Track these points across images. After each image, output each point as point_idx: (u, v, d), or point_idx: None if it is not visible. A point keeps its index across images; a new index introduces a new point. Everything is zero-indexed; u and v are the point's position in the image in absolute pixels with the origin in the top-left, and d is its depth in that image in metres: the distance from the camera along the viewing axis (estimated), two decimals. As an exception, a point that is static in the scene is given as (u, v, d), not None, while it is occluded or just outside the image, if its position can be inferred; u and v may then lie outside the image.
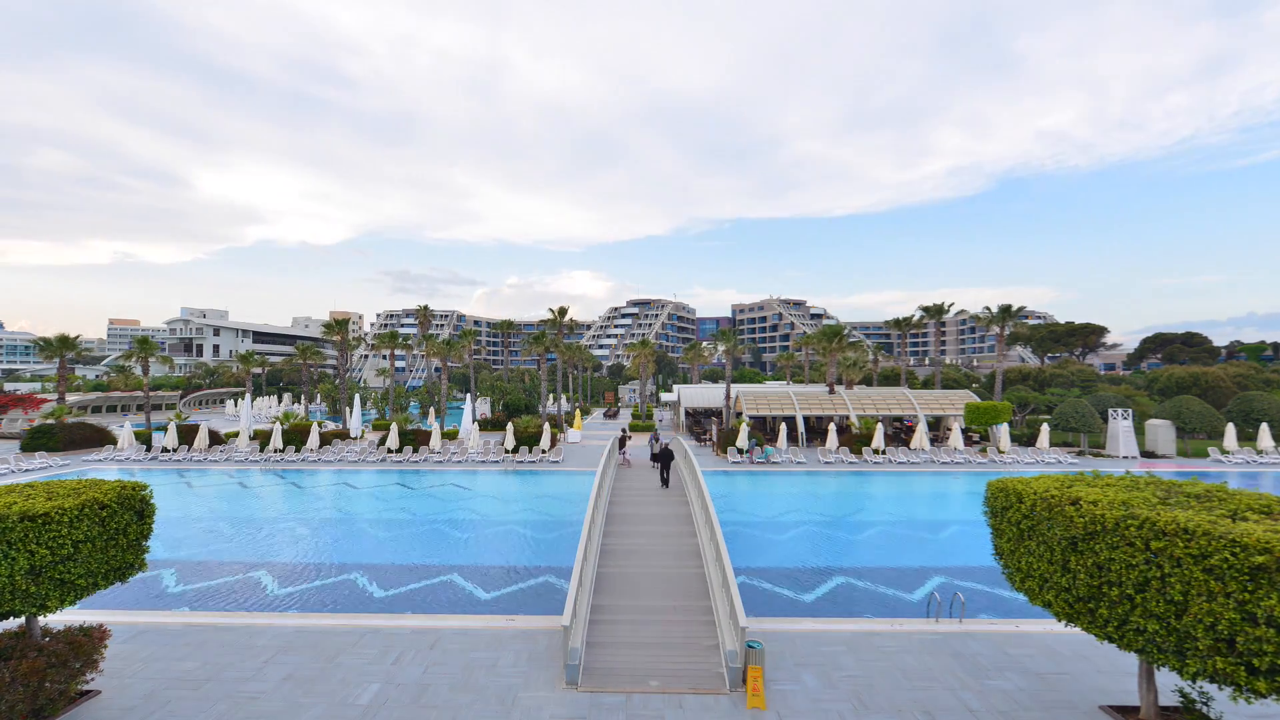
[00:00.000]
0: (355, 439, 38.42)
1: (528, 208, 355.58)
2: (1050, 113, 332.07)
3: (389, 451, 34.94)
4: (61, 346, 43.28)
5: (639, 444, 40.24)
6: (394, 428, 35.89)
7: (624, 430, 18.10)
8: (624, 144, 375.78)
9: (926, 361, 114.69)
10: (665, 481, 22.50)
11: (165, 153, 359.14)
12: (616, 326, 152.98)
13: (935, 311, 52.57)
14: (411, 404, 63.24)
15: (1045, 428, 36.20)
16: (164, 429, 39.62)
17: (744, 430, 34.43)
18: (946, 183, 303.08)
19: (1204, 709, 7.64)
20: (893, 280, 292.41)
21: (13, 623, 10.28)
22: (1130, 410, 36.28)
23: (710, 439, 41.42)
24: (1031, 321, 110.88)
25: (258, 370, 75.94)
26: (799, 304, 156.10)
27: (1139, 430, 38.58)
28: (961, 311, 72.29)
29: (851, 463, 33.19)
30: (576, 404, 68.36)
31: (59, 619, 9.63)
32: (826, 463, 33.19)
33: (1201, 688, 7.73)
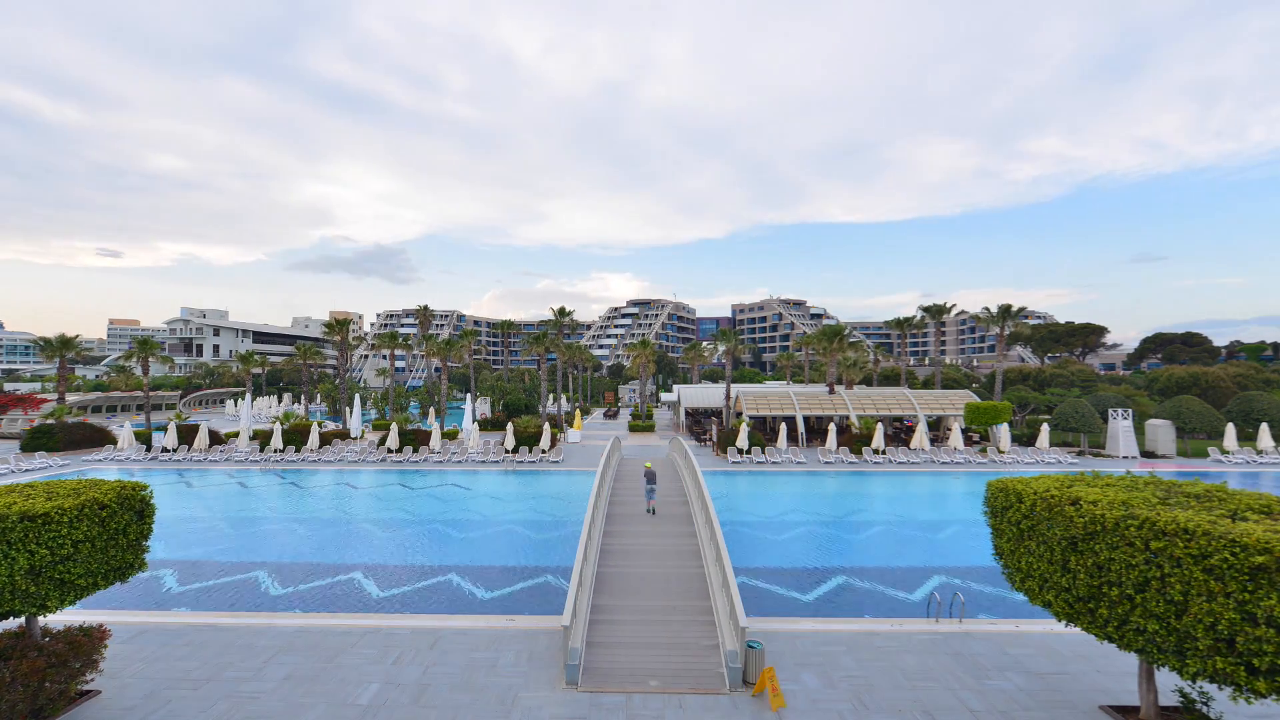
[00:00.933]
0: (355, 439, 38.41)
1: (599, 210, 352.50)
2: (1153, 120, 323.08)
3: (389, 451, 34.94)
4: (61, 346, 43.27)
5: (639, 443, 40.24)
6: (394, 428, 35.89)
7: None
8: (715, 146, 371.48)
9: (926, 361, 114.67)
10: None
11: (267, 158, 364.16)
12: (616, 326, 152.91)
13: (935, 311, 52.58)
14: (411, 404, 63.21)
15: (1045, 428, 36.20)
16: (164, 429, 39.61)
17: (744, 430, 34.44)
18: (1028, 188, 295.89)
19: (1204, 709, 7.64)
20: (958, 282, 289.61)
21: (13, 623, 10.28)
22: (1130, 410, 36.28)
23: (710, 439, 41.41)
24: (1032, 321, 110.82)
25: (258, 370, 75.86)
26: (799, 304, 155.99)
27: (1139, 430, 38.58)
28: (962, 312, 72.34)
29: (851, 463, 33.19)
30: (576, 404, 68.35)
31: (59, 619, 9.63)
32: (826, 463, 33.18)
33: (1201, 688, 7.73)
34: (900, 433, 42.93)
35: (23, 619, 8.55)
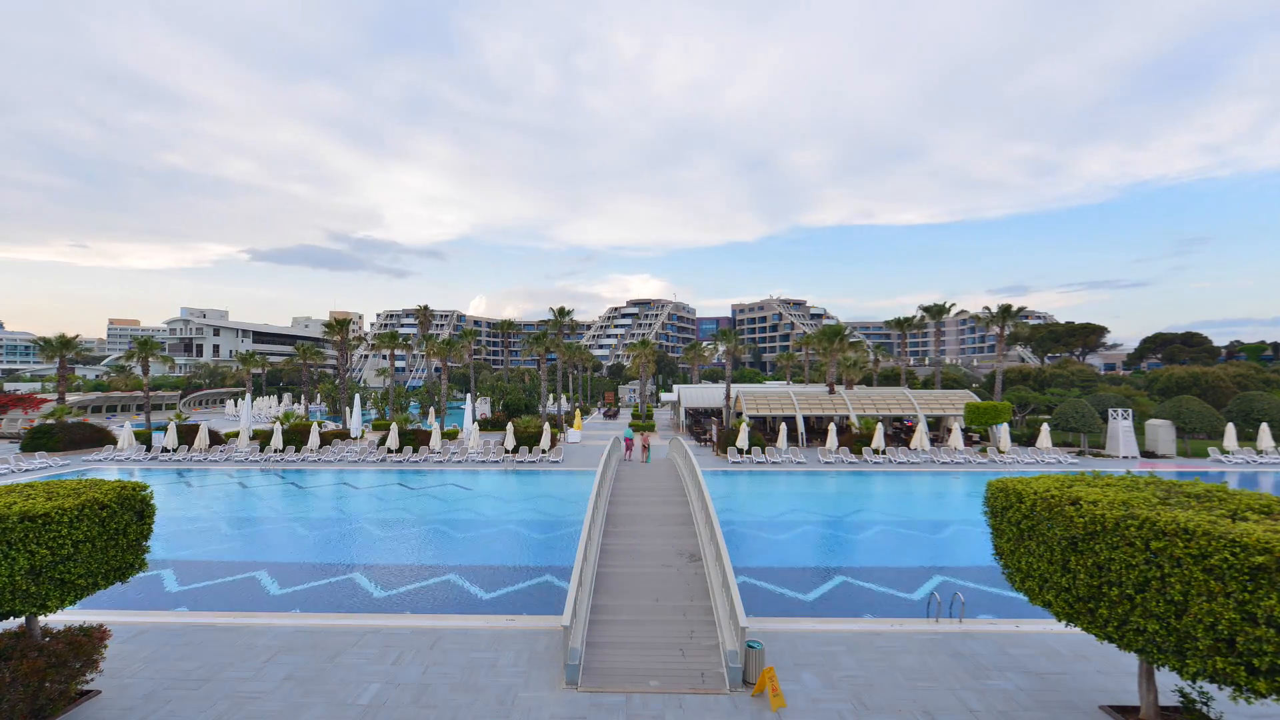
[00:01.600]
0: (355, 439, 38.41)
1: (637, 214, 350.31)
2: (1218, 126, 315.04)
3: (389, 451, 34.94)
4: (61, 347, 43.28)
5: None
6: (394, 428, 35.89)
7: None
8: (770, 149, 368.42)
9: (926, 361, 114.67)
10: None
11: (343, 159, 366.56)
12: (616, 326, 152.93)
13: (935, 311, 52.58)
14: (411, 404, 63.21)
15: (1045, 428, 36.19)
16: (164, 429, 39.61)
17: (744, 430, 34.44)
18: (1080, 192, 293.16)
19: (1204, 709, 7.64)
20: (993, 283, 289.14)
21: (13, 623, 10.28)
22: (1130, 410, 36.28)
23: (710, 439, 41.41)
24: (1032, 322, 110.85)
25: (258, 370, 75.88)
26: (799, 304, 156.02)
27: (1139, 430, 38.58)
28: (962, 311, 72.37)
29: (851, 463, 33.19)
30: (576, 404, 68.36)
31: (59, 619, 9.62)
32: (826, 463, 33.18)
33: (1201, 688, 7.73)
34: (900, 433, 42.93)
35: (23, 619, 8.55)
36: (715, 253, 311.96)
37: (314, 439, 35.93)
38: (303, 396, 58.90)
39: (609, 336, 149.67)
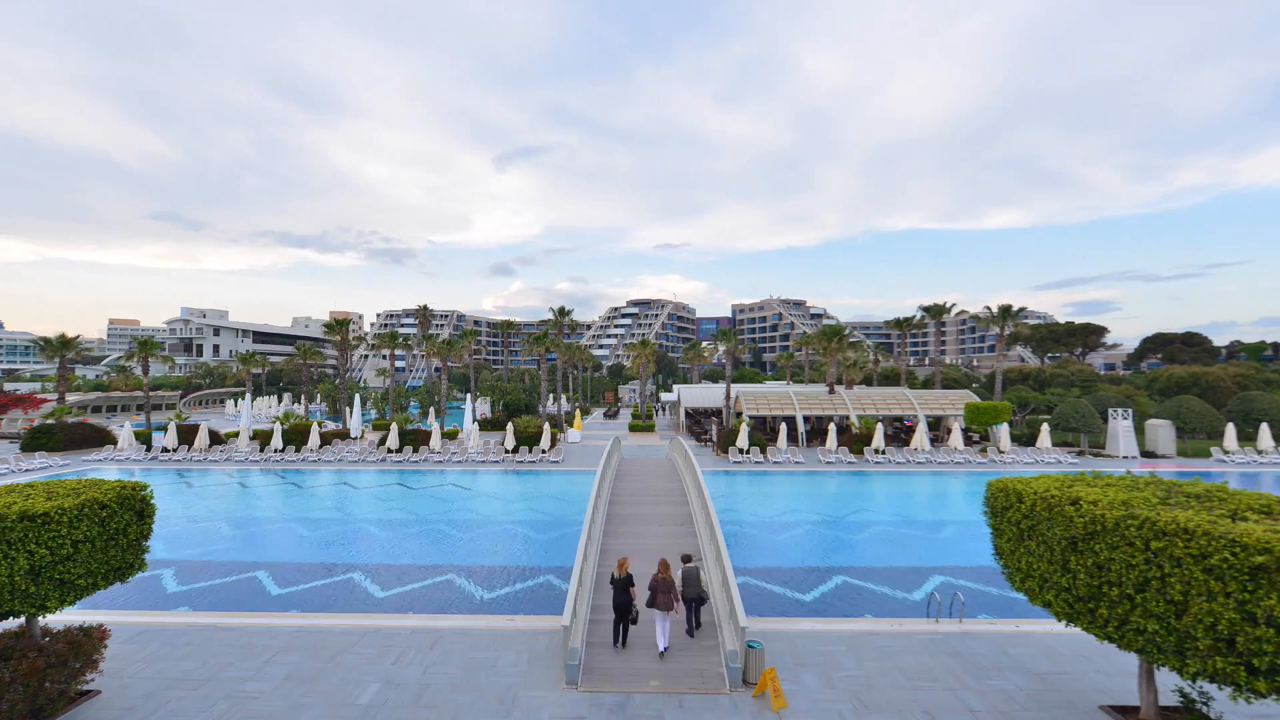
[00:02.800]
0: (355, 439, 38.40)
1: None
2: None
3: (389, 451, 34.93)
4: (61, 347, 43.26)
5: (639, 443, 40.24)
6: (394, 428, 35.88)
7: None
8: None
9: (926, 361, 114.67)
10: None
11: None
12: (617, 326, 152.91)
13: (936, 311, 52.56)
14: (411, 404, 63.22)
15: (1045, 428, 36.17)
16: (164, 429, 39.60)
17: (744, 430, 34.43)
18: (1163, 197, 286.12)
19: (1204, 709, 7.64)
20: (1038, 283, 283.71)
21: (13, 623, 10.27)
22: (1130, 410, 36.27)
23: (710, 439, 41.41)
24: (1032, 322, 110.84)
25: (258, 370, 75.88)
26: (799, 304, 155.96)
27: (1139, 430, 38.56)
28: (962, 311, 72.36)
29: (851, 463, 33.18)
30: (576, 404, 68.35)
31: (59, 619, 9.62)
32: (827, 463, 33.17)
33: (1201, 688, 7.73)
34: (900, 433, 42.92)
35: (23, 619, 8.55)
36: (774, 257, 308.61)
37: (314, 439, 35.92)
38: (303, 396, 58.89)
39: (609, 336, 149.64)
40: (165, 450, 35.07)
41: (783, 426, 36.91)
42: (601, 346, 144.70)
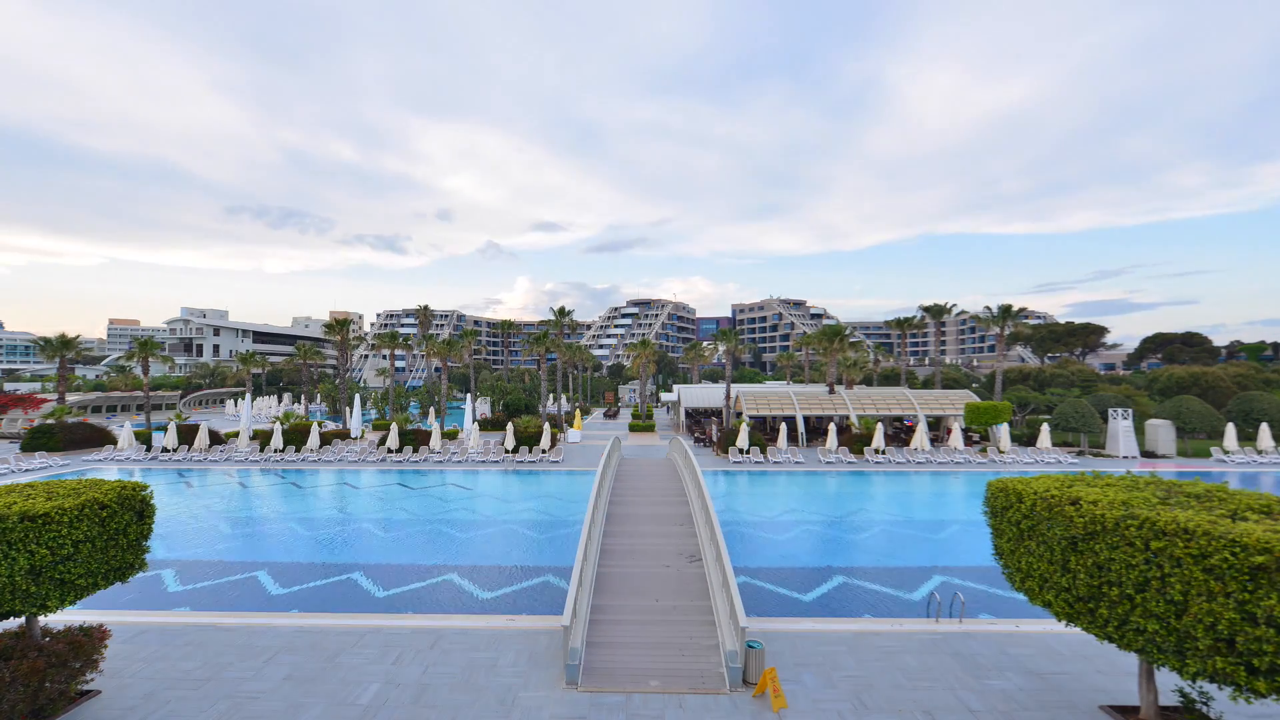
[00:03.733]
0: (355, 439, 38.41)
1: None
2: None
3: (389, 451, 34.94)
4: (61, 347, 43.28)
5: (639, 443, 40.25)
6: (394, 428, 35.89)
7: None
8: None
9: (926, 361, 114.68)
10: None
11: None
12: (616, 326, 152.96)
13: (936, 312, 52.60)
14: (411, 404, 63.21)
15: (1045, 428, 36.17)
16: (164, 429, 39.61)
17: (744, 430, 34.43)
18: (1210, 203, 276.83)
19: (1204, 709, 7.64)
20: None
21: (13, 623, 10.27)
22: (1130, 410, 36.27)
23: (710, 439, 41.42)
24: (1032, 322, 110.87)
25: (258, 370, 75.89)
26: (799, 304, 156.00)
27: (1139, 430, 38.57)
28: (962, 312, 72.35)
29: (851, 463, 33.19)
30: (576, 404, 68.35)
31: (59, 619, 9.62)
32: (827, 463, 33.18)
33: (1201, 688, 7.73)
34: (900, 433, 42.93)
35: (23, 619, 8.55)
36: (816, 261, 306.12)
37: (314, 439, 35.92)
38: (303, 396, 58.89)
39: (609, 336, 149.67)
40: (165, 450, 35.07)
41: (783, 426, 36.92)
42: (601, 346, 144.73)
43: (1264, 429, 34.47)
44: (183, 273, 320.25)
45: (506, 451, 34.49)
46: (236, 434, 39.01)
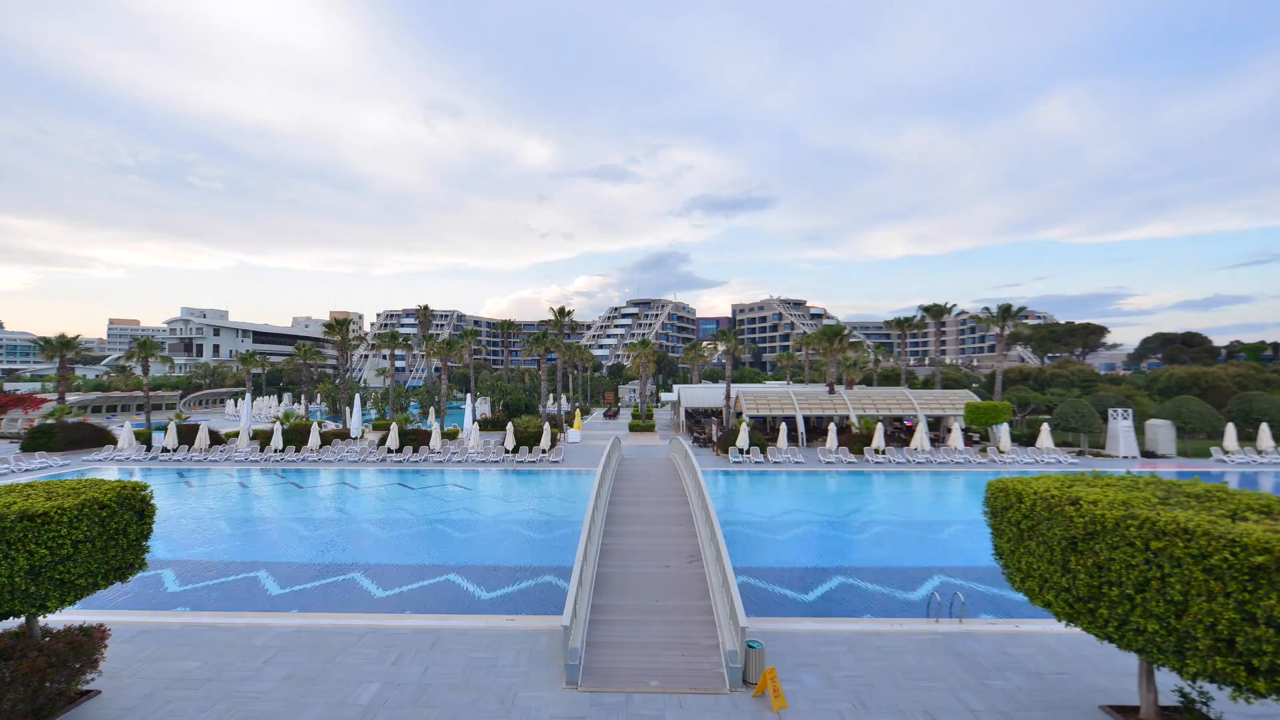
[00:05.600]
0: (355, 439, 38.40)
1: None
2: None
3: (389, 451, 34.93)
4: (61, 347, 43.27)
5: (639, 443, 40.24)
6: (394, 428, 35.89)
7: None
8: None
9: (926, 361, 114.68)
10: None
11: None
12: (616, 326, 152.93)
13: (935, 312, 52.59)
14: (411, 404, 63.23)
15: (1045, 428, 36.16)
16: (164, 429, 39.60)
17: (744, 430, 34.43)
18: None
19: (1204, 709, 7.64)
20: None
21: (13, 623, 10.27)
22: (1130, 410, 36.26)
23: (710, 439, 41.42)
24: (1031, 322, 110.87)
25: (258, 370, 75.88)
26: (799, 304, 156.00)
27: (1139, 430, 38.55)
28: (962, 312, 72.37)
29: (851, 463, 33.19)
30: (576, 404, 68.35)
31: (59, 619, 9.62)
32: (827, 463, 33.17)
33: (1201, 688, 7.73)
34: (900, 433, 42.92)
35: (23, 619, 8.55)
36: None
37: (314, 439, 35.92)
38: (303, 396, 58.87)
39: (609, 336, 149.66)
40: (165, 450, 35.06)
41: (783, 426, 36.91)
42: (601, 346, 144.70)
43: (1264, 429, 34.47)
44: (188, 274, 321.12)
45: (506, 451, 34.49)
46: (236, 434, 39.00)
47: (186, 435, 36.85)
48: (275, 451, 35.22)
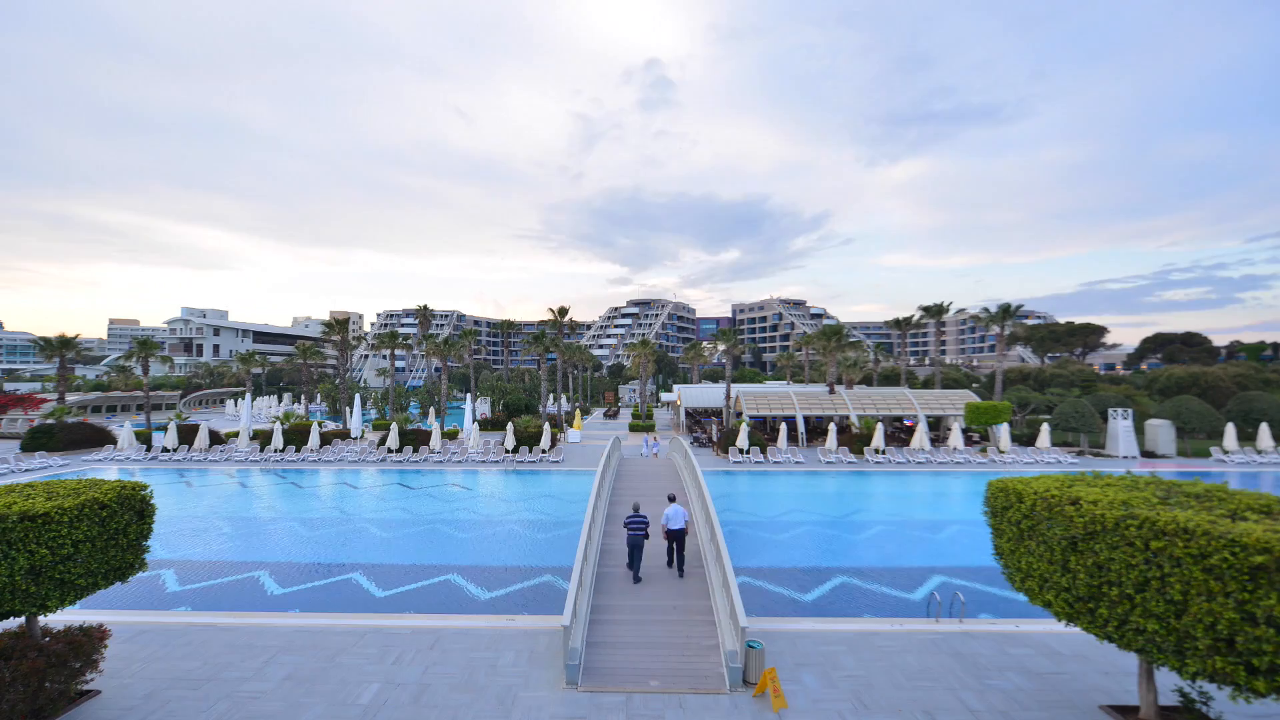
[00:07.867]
0: (355, 439, 38.40)
1: None
2: None
3: (389, 451, 34.93)
4: (61, 347, 43.26)
5: (639, 443, 40.22)
6: (394, 428, 35.89)
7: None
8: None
9: (926, 361, 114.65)
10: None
11: None
12: (616, 326, 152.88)
13: (935, 311, 52.55)
14: (411, 404, 63.20)
15: (1045, 428, 36.17)
16: (164, 429, 39.60)
17: (744, 430, 34.44)
18: None
19: (1204, 709, 7.64)
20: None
21: (13, 623, 10.28)
22: (1130, 410, 36.26)
23: (710, 439, 41.41)
24: (1031, 322, 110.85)
25: (258, 370, 75.89)
26: (799, 304, 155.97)
27: (1139, 430, 38.55)
28: (961, 311, 72.29)
29: (851, 463, 33.19)
30: (576, 404, 68.35)
31: (59, 619, 9.62)
32: (827, 463, 33.18)
33: (1201, 687, 7.73)
34: (900, 432, 42.93)
35: (23, 619, 8.55)
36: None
37: (314, 439, 35.92)
38: (303, 396, 58.87)
39: (609, 336, 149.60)
40: (165, 450, 35.06)
41: (783, 426, 36.92)
42: (601, 346, 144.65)
43: (1263, 429, 34.47)
44: (188, 274, 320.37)
45: (506, 451, 34.49)
46: (236, 434, 39.01)
47: (186, 435, 36.85)
48: (275, 451, 35.22)
